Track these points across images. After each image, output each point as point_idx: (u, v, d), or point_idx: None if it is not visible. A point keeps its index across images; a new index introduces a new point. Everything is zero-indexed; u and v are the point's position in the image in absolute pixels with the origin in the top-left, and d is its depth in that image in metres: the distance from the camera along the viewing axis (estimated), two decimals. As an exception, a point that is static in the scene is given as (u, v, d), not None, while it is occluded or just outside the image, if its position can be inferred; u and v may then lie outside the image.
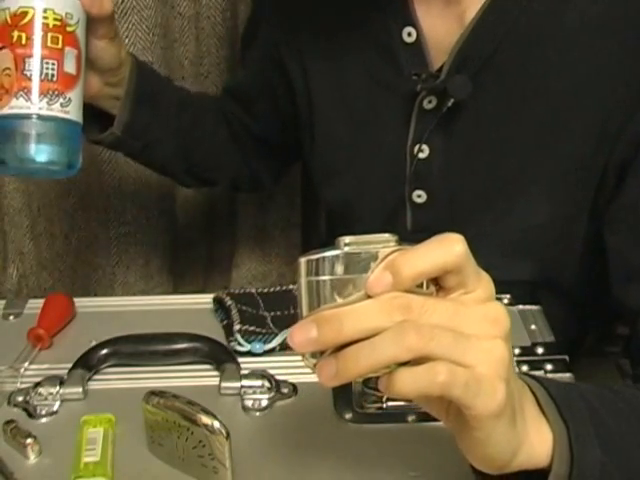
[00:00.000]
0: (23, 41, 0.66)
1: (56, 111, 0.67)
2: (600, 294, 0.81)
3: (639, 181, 0.75)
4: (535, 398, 0.52)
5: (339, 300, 0.46)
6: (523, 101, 0.78)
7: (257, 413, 0.69)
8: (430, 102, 0.80)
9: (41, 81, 0.66)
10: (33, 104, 0.66)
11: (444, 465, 0.62)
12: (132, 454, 0.64)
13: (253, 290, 0.84)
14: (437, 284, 0.47)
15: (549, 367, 0.73)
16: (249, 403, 0.69)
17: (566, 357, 0.74)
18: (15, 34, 0.66)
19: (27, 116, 0.66)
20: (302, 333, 0.45)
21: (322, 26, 0.87)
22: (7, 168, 0.67)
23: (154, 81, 0.89)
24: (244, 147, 1.02)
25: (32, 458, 0.64)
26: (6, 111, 0.66)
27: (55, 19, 0.67)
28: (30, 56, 0.66)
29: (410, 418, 0.67)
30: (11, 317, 0.84)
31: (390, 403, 0.68)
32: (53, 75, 0.67)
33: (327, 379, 0.46)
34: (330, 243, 0.48)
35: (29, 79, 0.66)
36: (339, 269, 0.46)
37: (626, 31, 0.74)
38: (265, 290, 0.85)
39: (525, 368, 0.73)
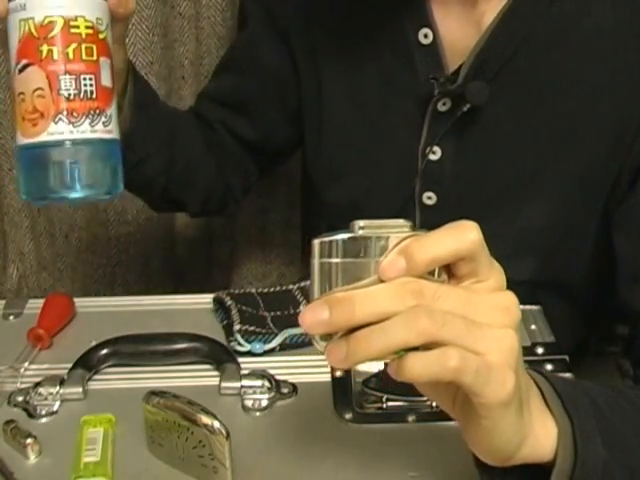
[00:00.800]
0: (55, 56, 0.57)
1: (100, 132, 0.59)
2: (603, 295, 0.81)
3: None
4: (540, 392, 0.52)
5: (351, 283, 0.46)
6: (539, 105, 0.78)
7: (257, 413, 0.69)
8: (444, 104, 0.80)
9: (80, 100, 0.58)
10: (75, 127, 0.58)
11: (444, 465, 0.62)
12: (132, 454, 0.64)
13: (253, 290, 0.84)
14: (449, 272, 0.48)
15: (549, 367, 0.73)
16: (249, 403, 0.69)
17: (566, 357, 0.74)
18: (44, 48, 0.58)
19: (70, 142, 0.58)
20: (313, 314, 0.45)
21: (337, 24, 0.86)
22: (49, 200, 0.60)
23: (147, 89, 0.87)
24: (222, 157, 0.98)
25: (32, 458, 0.64)
26: (44, 138, 0.58)
27: (87, 27, 0.59)
28: (65, 73, 0.58)
29: (410, 418, 0.67)
30: (11, 317, 0.84)
31: (390, 403, 0.68)
32: (92, 92, 0.59)
33: (336, 361, 0.46)
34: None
35: (67, 99, 0.58)
36: (352, 252, 0.46)
37: None
38: (265, 290, 0.85)
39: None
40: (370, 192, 0.90)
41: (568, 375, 0.72)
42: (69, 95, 0.58)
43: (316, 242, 0.47)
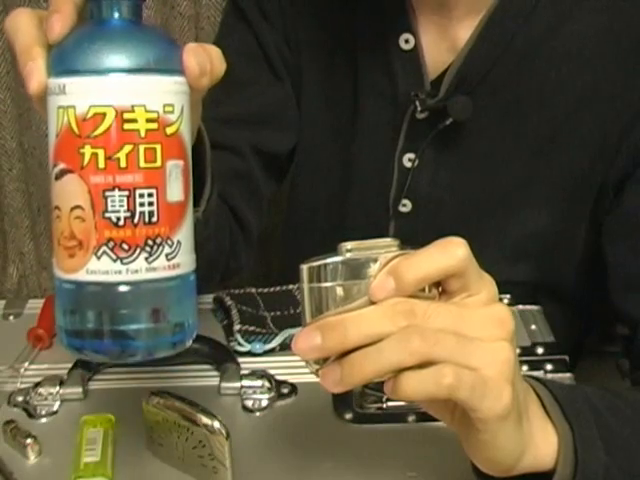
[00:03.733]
0: (101, 163, 0.42)
1: (160, 270, 0.44)
2: (600, 296, 0.81)
3: (637, 192, 0.75)
4: (539, 400, 0.52)
5: (342, 306, 0.46)
6: (520, 116, 0.78)
7: (257, 413, 0.69)
8: (422, 112, 0.79)
9: (134, 226, 0.43)
10: (125, 265, 0.43)
11: (444, 465, 0.62)
12: (132, 454, 0.64)
13: (253, 290, 0.84)
14: (439, 287, 0.47)
15: (549, 367, 0.73)
16: (249, 403, 0.69)
17: (566, 357, 0.74)
18: (87, 151, 0.43)
19: (116, 285, 0.44)
20: (306, 340, 0.46)
21: (321, 26, 0.86)
22: (97, 355, 0.47)
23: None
24: (245, 193, 0.87)
25: (32, 458, 0.64)
26: (82, 276, 0.44)
27: (149, 120, 0.43)
28: (114, 187, 0.43)
29: (410, 418, 0.67)
30: (11, 317, 0.84)
31: (390, 403, 0.68)
32: (152, 213, 0.43)
33: (331, 385, 0.46)
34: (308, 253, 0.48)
35: (115, 225, 0.43)
36: (341, 275, 0.46)
37: (624, 45, 0.74)
38: (265, 290, 0.85)
39: (525, 368, 0.72)
40: (346, 194, 0.89)
41: (568, 375, 0.72)
42: (118, 220, 0.43)
43: (305, 267, 0.47)
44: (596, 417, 0.53)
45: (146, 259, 0.44)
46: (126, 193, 0.43)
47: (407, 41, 0.79)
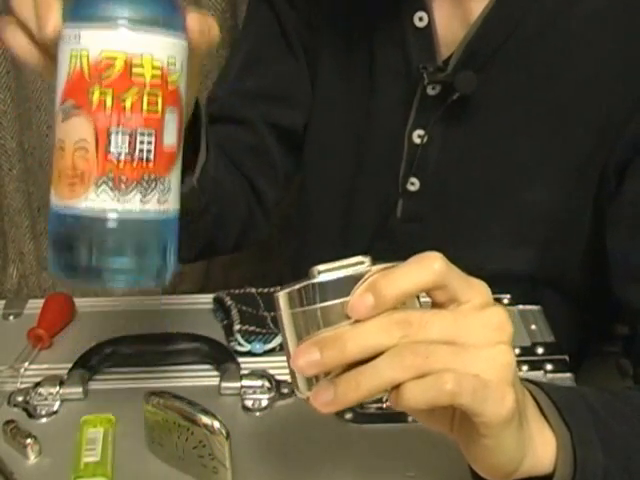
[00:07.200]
0: (108, 103, 0.46)
1: (153, 207, 0.48)
2: (601, 293, 0.81)
3: (638, 180, 0.75)
4: (536, 403, 0.52)
5: (325, 327, 0.46)
6: (527, 95, 0.79)
7: (257, 413, 0.69)
8: (434, 89, 0.81)
9: (133, 164, 0.47)
10: (121, 200, 0.47)
11: (444, 465, 0.62)
12: (132, 454, 0.64)
13: (253, 290, 0.84)
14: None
15: (549, 367, 0.73)
16: (249, 403, 0.69)
17: (566, 357, 0.74)
18: (96, 92, 0.46)
19: (112, 217, 0.47)
20: (305, 356, 0.45)
21: (338, 7, 0.86)
22: (82, 279, 0.49)
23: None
24: (258, 164, 0.91)
25: (32, 458, 0.64)
26: (81, 207, 0.47)
27: (154, 68, 0.47)
28: (118, 126, 0.46)
29: (410, 418, 0.67)
30: (11, 317, 0.84)
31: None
32: (149, 153, 0.47)
33: (323, 404, 0.46)
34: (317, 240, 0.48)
35: (116, 162, 0.47)
36: (320, 297, 0.46)
37: (630, 28, 0.74)
38: (265, 290, 0.84)
39: (525, 368, 0.73)
40: (356, 174, 0.89)
41: (568, 375, 0.72)
42: (119, 156, 0.47)
43: (281, 294, 0.47)
44: (594, 417, 0.52)
45: (141, 195, 0.48)
46: (129, 133, 0.47)
47: (421, 19, 0.80)
